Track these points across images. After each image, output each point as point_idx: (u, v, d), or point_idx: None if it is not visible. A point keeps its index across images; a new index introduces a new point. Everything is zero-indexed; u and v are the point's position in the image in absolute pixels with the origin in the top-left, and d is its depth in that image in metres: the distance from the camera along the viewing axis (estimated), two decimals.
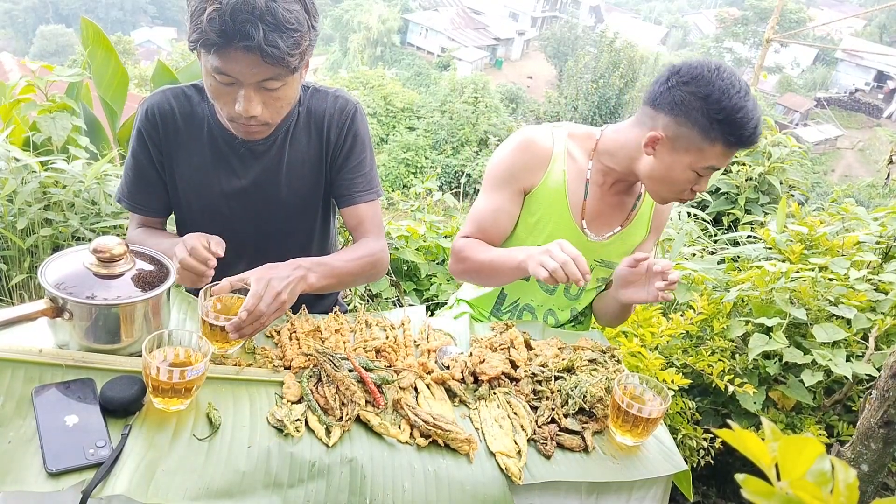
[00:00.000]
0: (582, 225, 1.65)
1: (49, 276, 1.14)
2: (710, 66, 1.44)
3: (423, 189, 3.92)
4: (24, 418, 1.02)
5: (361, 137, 1.57)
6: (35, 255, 2.50)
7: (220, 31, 1.20)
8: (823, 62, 42.01)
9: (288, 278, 1.27)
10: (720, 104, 1.39)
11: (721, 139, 1.41)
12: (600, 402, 1.26)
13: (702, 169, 1.48)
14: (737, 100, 1.39)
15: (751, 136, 1.42)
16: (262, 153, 1.51)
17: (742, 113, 1.39)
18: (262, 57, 1.23)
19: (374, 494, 1.03)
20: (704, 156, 1.45)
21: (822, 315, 1.96)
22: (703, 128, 1.42)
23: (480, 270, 1.64)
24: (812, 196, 5.97)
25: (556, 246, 1.42)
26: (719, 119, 1.39)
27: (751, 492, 0.41)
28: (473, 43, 38.94)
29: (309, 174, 1.57)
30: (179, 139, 1.50)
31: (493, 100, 22.13)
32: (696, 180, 1.50)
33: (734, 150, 1.45)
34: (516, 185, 1.63)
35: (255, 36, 1.20)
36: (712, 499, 2.17)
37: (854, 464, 1.59)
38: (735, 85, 1.41)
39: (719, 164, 1.46)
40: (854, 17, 39.21)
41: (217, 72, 1.27)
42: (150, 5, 42.94)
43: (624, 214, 1.70)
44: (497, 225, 1.66)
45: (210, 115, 1.49)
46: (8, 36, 37.94)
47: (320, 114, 1.54)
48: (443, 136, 20.15)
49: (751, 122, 1.41)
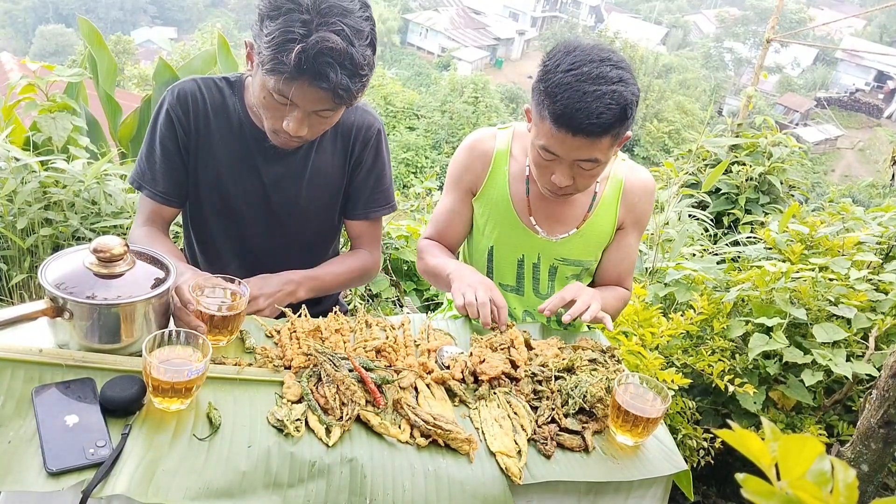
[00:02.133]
0: (531, 222, 1.65)
1: (49, 276, 1.14)
2: (573, 44, 1.39)
3: (422, 189, 3.92)
4: (24, 418, 1.02)
5: (383, 156, 1.64)
6: (35, 255, 2.50)
7: (299, 68, 1.22)
8: (823, 62, 42.00)
9: (276, 294, 1.43)
10: (547, 77, 1.36)
11: (549, 116, 1.36)
12: (600, 402, 1.26)
13: (540, 148, 1.42)
14: (568, 77, 1.32)
15: (566, 117, 1.32)
16: (286, 155, 1.53)
17: (566, 92, 1.32)
18: (332, 97, 1.27)
19: (374, 494, 1.03)
20: (538, 132, 1.42)
21: (822, 315, 1.96)
22: (537, 101, 1.41)
23: (427, 273, 1.71)
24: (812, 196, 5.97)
25: (486, 288, 1.46)
26: (544, 90, 1.36)
27: (751, 491, 0.41)
28: (473, 43, 38.93)
29: (330, 183, 1.60)
30: (209, 128, 1.50)
31: (493, 100, 22.15)
32: (547, 165, 1.45)
33: (562, 132, 1.35)
34: (463, 185, 1.69)
35: (333, 79, 1.24)
36: (712, 499, 2.17)
37: (854, 464, 1.59)
38: (577, 65, 1.33)
39: (551, 145, 1.39)
40: (854, 17, 39.19)
41: (278, 93, 1.29)
42: (150, 5, 42.92)
43: (580, 214, 1.66)
44: (451, 226, 1.73)
45: (241, 111, 1.50)
46: (8, 36, 37.93)
47: (348, 126, 1.58)
48: (443, 136, 20.16)
49: (574, 103, 1.31)
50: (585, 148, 1.38)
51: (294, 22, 1.22)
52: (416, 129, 20.48)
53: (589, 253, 1.69)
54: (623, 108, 1.34)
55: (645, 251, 2.86)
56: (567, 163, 1.42)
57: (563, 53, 1.38)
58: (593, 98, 1.31)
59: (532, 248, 1.67)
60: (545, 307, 1.44)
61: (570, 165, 1.43)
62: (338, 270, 1.62)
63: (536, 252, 1.68)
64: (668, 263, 2.51)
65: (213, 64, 3.70)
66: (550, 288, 1.72)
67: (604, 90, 1.32)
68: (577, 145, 1.37)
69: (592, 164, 1.42)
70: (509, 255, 1.70)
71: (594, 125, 1.32)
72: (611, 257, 1.72)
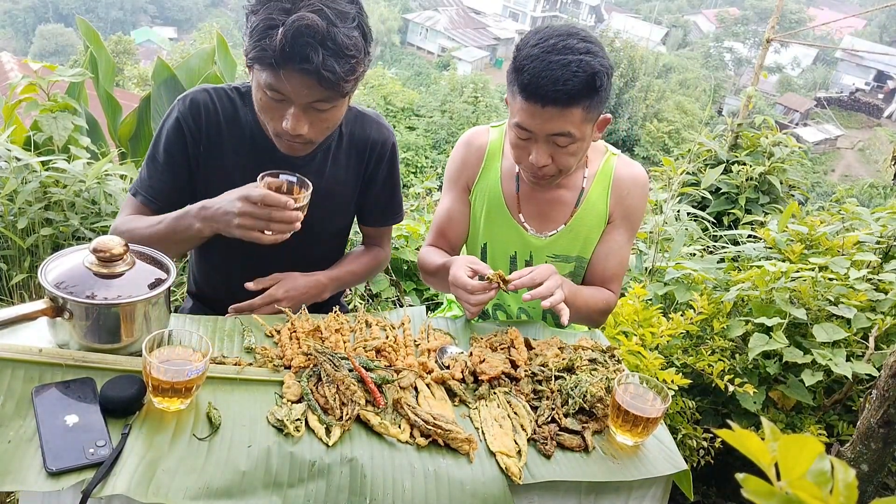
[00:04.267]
0: (520, 220, 1.66)
1: (49, 276, 1.14)
2: (544, 26, 1.44)
3: (422, 189, 3.92)
4: (24, 418, 1.02)
5: (396, 171, 1.68)
6: (35, 255, 2.50)
7: (280, 52, 1.22)
8: (823, 62, 42.00)
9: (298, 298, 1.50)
10: (518, 51, 1.40)
11: (518, 89, 1.39)
12: (600, 402, 1.26)
13: (514, 126, 1.44)
14: (535, 51, 1.36)
15: (533, 86, 1.34)
16: (300, 167, 1.50)
17: (532, 63, 1.35)
18: (319, 81, 1.25)
19: (374, 494, 1.03)
20: (512, 111, 1.44)
21: (822, 315, 1.96)
22: (509, 81, 1.43)
23: (428, 276, 1.72)
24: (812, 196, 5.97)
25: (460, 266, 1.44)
26: (513, 68, 1.40)
27: (751, 491, 0.41)
28: (473, 43, 38.93)
29: (343, 195, 1.61)
30: (220, 138, 1.49)
31: (493, 99, 22.14)
32: (524, 146, 1.46)
33: (531, 103, 1.37)
34: (461, 182, 1.71)
35: (314, 60, 1.22)
36: (712, 499, 2.17)
37: (854, 464, 1.59)
38: (544, 39, 1.37)
39: (523, 120, 1.40)
40: (854, 17, 39.17)
41: (270, 88, 1.29)
42: (150, 5, 42.91)
43: (567, 211, 1.66)
44: (453, 225, 1.73)
45: (253, 122, 1.49)
46: (8, 36, 37.92)
47: (363, 140, 1.59)
48: (443, 136, 20.16)
49: (539, 72, 1.33)
50: (556, 119, 1.38)
51: (275, 10, 1.23)
52: (416, 129, 20.47)
53: (579, 248, 1.68)
54: (590, 76, 1.34)
55: (645, 251, 2.86)
56: (542, 138, 1.42)
57: (533, 33, 1.42)
58: (559, 66, 1.33)
59: (523, 245, 1.68)
60: (511, 278, 1.42)
61: (546, 141, 1.43)
62: (356, 269, 1.70)
63: (528, 250, 1.68)
64: (667, 263, 2.51)
65: (211, 63, 3.71)
66: None
67: (570, 59, 1.34)
68: (547, 116, 1.38)
69: (567, 138, 1.41)
70: (502, 252, 1.71)
71: (560, 92, 1.33)
72: (598, 254, 1.68)
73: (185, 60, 3.84)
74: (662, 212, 2.95)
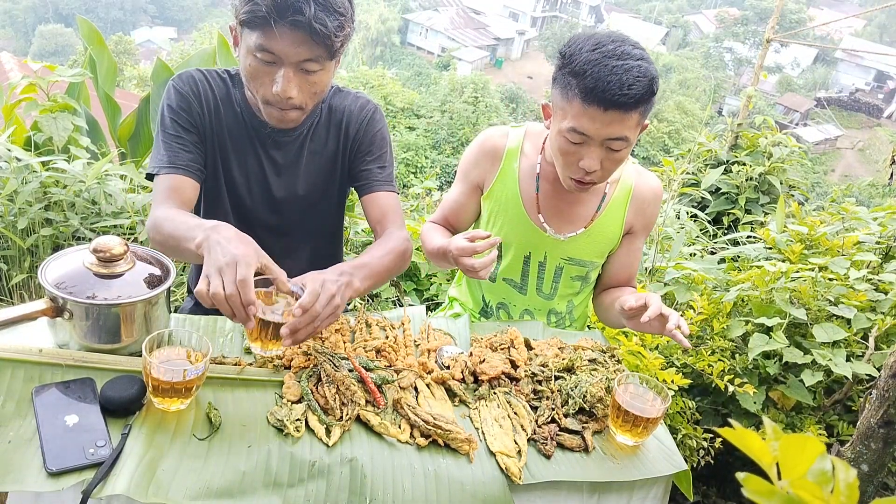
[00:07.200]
0: (539, 220, 1.66)
1: (49, 276, 1.14)
2: (590, 32, 1.43)
3: (422, 189, 3.92)
4: (24, 418, 1.02)
5: (382, 133, 1.62)
6: (35, 255, 2.50)
7: (272, 5, 1.24)
8: (823, 62, 42.00)
9: (338, 282, 1.20)
10: (572, 59, 1.38)
11: (578, 93, 1.37)
12: (600, 402, 1.26)
13: (568, 131, 1.41)
14: (595, 55, 1.35)
15: (599, 90, 1.33)
16: (286, 144, 1.54)
17: (594, 67, 1.34)
18: (310, 34, 1.27)
19: (374, 494, 1.03)
20: (566, 115, 1.42)
21: (822, 315, 1.96)
22: (562, 85, 1.41)
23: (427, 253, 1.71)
24: (812, 196, 5.97)
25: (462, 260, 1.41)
26: (571, 71, 1.38)
27: (751, 491, 0.41)
28: (473, 43, 38.94)
29: (325, 167, 1.61)
30: (216, 114, 1.51)
31: (493, 99, 22.15)
32: (575, 151, 1.44)
33: (593, 108, 1.36)
34: (471, 180, 1.73)
35: (306, 12, 1.24)
36: (712, 499, 2.17)
37: (854, 463, 1.59)
38: (600, 44, 1.36)
39: (581, 125, 1.39)
40: (854, 17, 39.19)
41: (260, 49, 1.30)
42: (150, 5, 42.91)
43: (589, 214, 1.67)
44: (456, 215, 1.78)
45: (242, 102, 1.52)
46: (8, 36, 37.91)
47: (341, 110, 1.59)
48: (443, 136, 20.15)
49: (604, 76, 1.33)
50: (616, 123, 1.38)
51: None
52: (415, 129, 20.46)
53: (595, 254, 1.69)
54: (651, 81, 1.36)
55: (645, 250, 2.86)
56: (597, 143, 1.41)
57: (584, 39, 1.41)
58: (622, 71, 1.33)
59: (539, 245, 1.68)
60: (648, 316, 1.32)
61: (600, 146, 1.42)
62: (379, 253, 1.45)
63: (543, 250, 1.68)
64: (667, 263, 2.51)
65: (211, 63, 3.70)
66: (553, 288, 1.72)
67: (631, 64, 1.34)
68: (608, 121, 1.37)
69: (622, 142, 1.41)
70: (516, 252, 1.70)
71: (626, 96, 1.33)
72: (622, 261, 1.74)
73: (186, 61, 3.85)
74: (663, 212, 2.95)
